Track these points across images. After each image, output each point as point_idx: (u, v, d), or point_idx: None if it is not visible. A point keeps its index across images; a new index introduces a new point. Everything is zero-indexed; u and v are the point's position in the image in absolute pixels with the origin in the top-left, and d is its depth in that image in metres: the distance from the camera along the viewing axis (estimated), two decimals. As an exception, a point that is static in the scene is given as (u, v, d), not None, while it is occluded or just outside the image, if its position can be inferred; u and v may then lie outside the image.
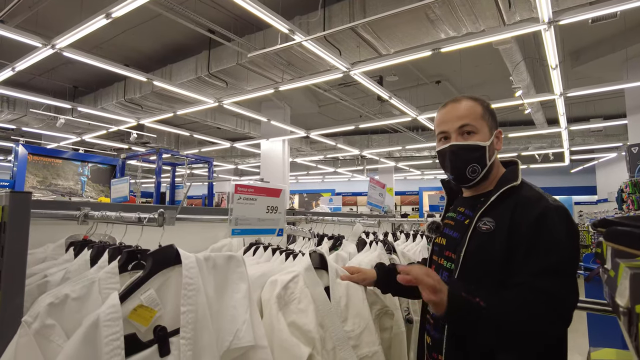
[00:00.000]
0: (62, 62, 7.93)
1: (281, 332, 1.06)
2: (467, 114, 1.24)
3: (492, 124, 1.27)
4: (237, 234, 1.10)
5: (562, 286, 1.03)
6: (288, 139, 10.81)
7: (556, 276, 1.03)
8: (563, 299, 1.03)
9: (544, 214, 1.10)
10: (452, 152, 1.25)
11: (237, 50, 6.25)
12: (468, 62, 7.81)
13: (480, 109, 1.25)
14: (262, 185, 1.13)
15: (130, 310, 0.80)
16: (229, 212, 1.07)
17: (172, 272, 0.89)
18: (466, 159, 1.23)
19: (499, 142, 1.28)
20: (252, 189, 1.11)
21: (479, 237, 1.17)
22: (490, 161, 1.24)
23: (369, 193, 2.45)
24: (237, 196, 1.06)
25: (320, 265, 1.33)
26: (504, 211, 1.15)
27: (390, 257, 1.63)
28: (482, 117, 1.24)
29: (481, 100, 1.28)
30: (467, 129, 1.23)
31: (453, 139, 1.25)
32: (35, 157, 7.90)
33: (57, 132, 10.50)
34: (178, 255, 0.90)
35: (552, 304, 1.01)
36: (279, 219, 1.21)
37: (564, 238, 1.07)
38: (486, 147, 1.23)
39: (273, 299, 1.11)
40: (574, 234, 1.10)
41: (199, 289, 0.87)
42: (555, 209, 1.11)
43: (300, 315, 1.13)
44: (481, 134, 1.23)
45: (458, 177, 1.27)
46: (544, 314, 1.01)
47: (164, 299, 0.86)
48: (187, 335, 0.83)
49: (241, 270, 0.99)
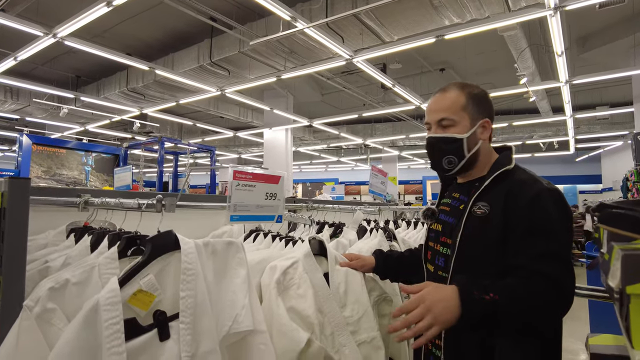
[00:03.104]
0: (64, 51, 7.90)
1: (280, 317, 1.07)
2: (448, 107, 1.25)
3: (476, 114, 1.25)
4: (235, 221, 1.10)
5: (565, 270, 1.05)
6: (291, 128, 10.78)
7: (558, 261, 1.05)
8: (568, 283, 1.05)
9: (538, 195, 1.11)
10: (429, 143, 1.30)
11: (239, 38, 6.20)
12: (472, 49, 7.72)
13: (464, 100, 1.24)
14: (261, 172, 1.13)
15: (130, 295, 0.81)
16: (228, 199, 1.08)
17: (171, 258, 0.90)
18: (442, 151, 1.26)
19: (485, 131, 1.27)
20: (251, 175, 1.11)
21: (474, 221, 1.18)
22: (471, 152, 1.25)
23: (371, 181, 2.45)
24: (236, 182, 1.06)
25: (319, 252, 1.34)
26: (498, 195, 1.17)
27: (391, 244, 1.63)
28: (463, 109, 1.24)
29: (469, 88, 1.27)
30: (444, 123, 1.25)
31: (432, 130, 1.28)
32: (39, 147, 7.94)
33: (60, 121, 10.53)
34: (177, 240, 0.91)
35: (560, 290, 1.04)
36: (278, 206, 1.21)
37: (559, 220, 1.09)
38: (463, 139, 1.24)
39: (272, 284, 1.12)
40: (568, 216, 1.11)
41: (198, 274, 0.88)
42: (549, 191, 1.12)
43: (299, 300, 1.14)
44: (459, 126, 1.24)
45: (435, 167, 1.31)
46: (555, 300, 1.03)
47: (163, 284, 0.86)
48: (186, 320, 0.84)
49: (240, 256, 1.00)
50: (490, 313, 1.02)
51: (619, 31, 6.89)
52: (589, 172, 15.89)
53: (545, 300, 1.03)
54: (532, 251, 1.06)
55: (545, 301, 1.03)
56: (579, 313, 3.27)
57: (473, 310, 1.03)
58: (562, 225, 1.09)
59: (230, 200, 1.06)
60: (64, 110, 8.46)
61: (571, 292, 1.05)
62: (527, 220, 1.09)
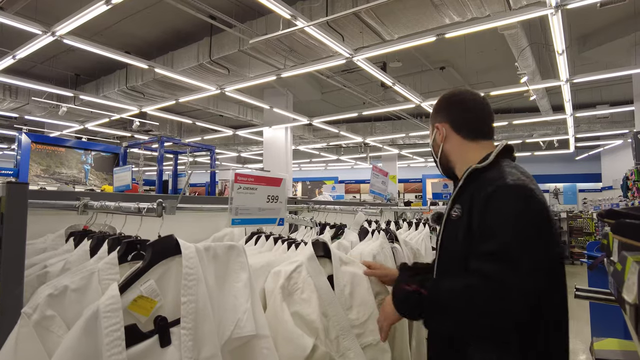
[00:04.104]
0: (63, 49, 7.87)
1: (285, 323, 1.06)
2: None
3: (434, 122, 1.33)
4: (237, 224, 1.08)
5: (507, 270, 0.96)
6: (291, 126, 10.76)
7: (503, 261, 0.97)
8: (507, 285, 0.96)
9: (494, 192, 1.06)
10: None
11: (239, 37, 6.18)
12: (473, 48, 7.70)
13: (433, 110, 1.35)
14: (263, 175, 1.11)
15: (130, 301, 0.80)
16: (229, 202, 1.06)
17: (172, 263, 0.88)
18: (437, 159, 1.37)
19: (440, 135, 1.31)
20: (252, 178, 1.10)
21: (450, 224, 1.19)
22: (438, 155, 1.32)
23: (372, 181, 2.44)
24: (237, 185, 1.05)
25: (323, 254, 1.33)
26: (467, 196, 1.15)
27: (393, 246, 1.62)
28: (432, 118, 1.34)
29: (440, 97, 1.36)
30: None
31: None
32: (38, 145, 7.91)
33: (59, 120, 10.48)
34: (178, 245, 0.90)
35: (493, 291, 0.97)
36: (280, 209, 1.20)
37: (511, 218, 1.02)
38: (430, 144, 1.35)
39: (277, 290, 1.11)
40: (526, 212, 1.03)
41: (199, 279, 0.87)
42: (506, 187, 1.06)
43: (303, 305, 1.13)
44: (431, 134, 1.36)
45: None
46: (484, 301, 0.97)
47: (164, 289, 0.85)
48: (187, 326, 0.83)
49: (242, 260, 0.99)
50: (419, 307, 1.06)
51: (619, 30, 6.86)
52: (588, 171, 15.88)
53: (477, 300, 0.97)
54: (479, 251, 1.02)
55: (476, 302, 0.97)
56: (580, 313, 3.27)
57: (399, 299, 1.12)
58: (516, 222, 1.01)
59: (232, 204, 1.05)
60: (63, 108, 8.43)
61: (514, 296, 0.96)
62: (481, 219, 1.06)
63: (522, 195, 1.05)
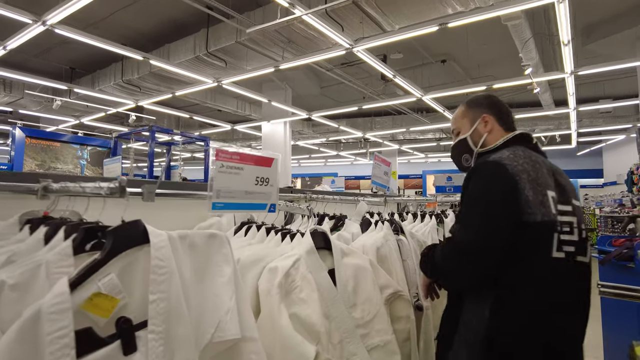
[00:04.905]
0: (57, 42, 7.72)
1: (284, 328, 0.92)
2: (454, 120, 1.50)
3: (473, 116, 1.42)
4: (218, 209, 0.92)
5: (461, 233, 1.16)
6: (289, 121, 10.62)
7: (461, 226, 1.18)
8: (461, 242, 1.14)
9: (472, 171, 1.22)
10: (451, 152, 1.52)
11: (236, 27, 6.03)
12: (474, 41, 7.56)
13: (462, 110, 1.46)
14: (250, 153, 0.97)
15: (85, 299, 0.65)
16: (209, 183, 0.92)
17: (139, 253, 0.73)
18: (458, 153, 1.47)
19: (486, 125, 1.39)
20: (238, 156, 0.95)
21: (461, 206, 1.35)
22: (478, 145, 1.38)
23: (374, 172, 2.30)
24: (219, 164, 0.90)
25: (323, 245, 1.19)
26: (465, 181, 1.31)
27: (398, 238, 1.48)
28: (462, 116, 1.45)
29: (469, 101, 1.47)
30: (455, 132, 1.48)
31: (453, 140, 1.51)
32: (33, 140, 7.82)
33: (55, 114, 10.35)
34: (146, 232, 0.75)
35: (453, 251, 1.18)
36: (271, 193, 1.04)
37: (479, 190, 1.17)
38: (467, 137, 1.41)
39: (274, 289, 0.95)
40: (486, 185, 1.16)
41: (171, 272, 0.72)
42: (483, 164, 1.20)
43: (302, 306, 0.99)
44: (463, 129, 1.44)
45: (460, 168, 1.47)
46: (450, 259, 1.19)
47: (129, 285, 0.70)
48: (157, 329, 0.68)
49: (225, 251, 0.84)
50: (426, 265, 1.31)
51: (624, 22, 6.72)
52: (590, 167, 15.78)
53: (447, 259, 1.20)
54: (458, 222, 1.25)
55: (447, 260, 1.20)
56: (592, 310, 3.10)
57: (420, 261, 1.37)
58: (480, 193, 1.16)
59: (212, 185, 0.90)
60: (57, 102, 8.29)
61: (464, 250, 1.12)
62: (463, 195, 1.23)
63: (490, 169, 1.17)
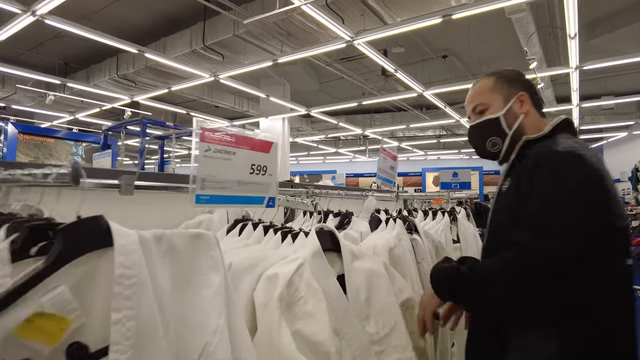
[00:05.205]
0: (51, 35, 7.56)
1: (285, 349, 0.76)
2: (477, 94, 1.24)
3: (508, 92, 1.21)
4: (204, 203, 0.75)
5: (536, 238, 0.90)
6: (288, 117, 10.46)
7: (531, 227, 0.92)
8: (536, 252, 0.88)
9: (539, 161, 1.01)
10: (469, 132, 1.27)
11: (234, 20, 5.88)
12: (476, 36, 7.42)
13: (491, 82, 1.23)
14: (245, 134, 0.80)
15: (20, 321, 0.48)
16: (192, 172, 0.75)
17: (100, 259, 0.56)
18: (482, 136, 1.22)
19: (522, 105, 1.19)
20: (230, 137, 0.78)
21: (501, 200, 1.13)
22: (513, 128, 1.17)
23: (379, 165, 2.15)
24: (205, 146, 0.74)
25: (331, 247, 1.02)
26: (518, 167, 1.10)
27: (412, 237, 1.33)
28: (492, 90, 1.22)
29: (497, 72, 1.25)
30: (478, 109, 1.23)
31: (470, 120, 1.27)
32: (26, 136, 7.71)
33: (49, 110, 10.18)
34: (109, 232, 0.57)
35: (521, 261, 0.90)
36: (270, 184, 0.87)
37: (550, 182, 0.96)
38: (499, 117, 1.18)
39: (273, 302, 0.80)
40: (568, 176, 0.94)
41: (142, 283, 0.56)
42: (554, 153, 1.01)
43: (307, 321, 0.83)
44: (493, 107, 1.20)
45: (483, 154, 1.24)
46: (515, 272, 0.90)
47: (86, 300, 0.53)
48: (121, 357, 0.52)
49: (213, 256, 0.67)
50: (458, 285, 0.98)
51: (629, 17, 6.58)
52: (590, 164, 15.70)
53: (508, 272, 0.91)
54: (522, 224, 0.95)
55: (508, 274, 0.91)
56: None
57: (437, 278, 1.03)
58: (557, 185, 0.94)
59: (197, 173, 0.73)
60: (50, 97, 8.12)
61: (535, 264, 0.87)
62: (527, 189, 0.99)
63: (567, 160, 0.98)
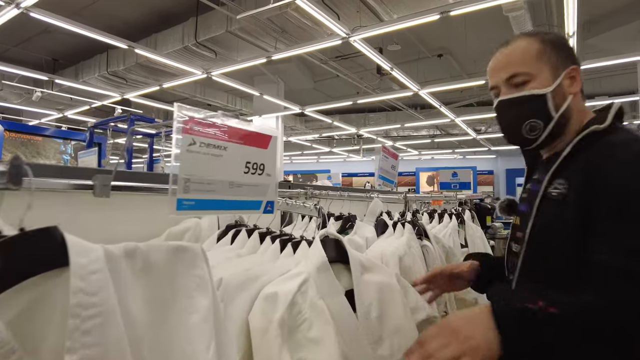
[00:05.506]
0: (38, 30, 7.37)
1: None
2: (517, 59, 0.97)
3: (558, 63, 0.95)
4: (186, 209, 0.59)
5: None
6: (282, 115, 10.34)
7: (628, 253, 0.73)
8: None
9: (628, 160, 0.80)
10: (500, 109, 1.01)
11: (226, 15, 5.75)
12: (473, 35, 7.37)
13: (537, 47, 0.96)
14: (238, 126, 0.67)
15: None
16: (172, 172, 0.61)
17: (51, 284, 0.43)
18: (520, 115, 0.96)
19: (573, 82, 0.96)
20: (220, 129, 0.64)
21: (549, 205, 0.90)
22: (560, 110, 0.94)
23: (380, 164, 2.04)
24: (189, 139, 0.59)
25: (336, 257, 0.88)
26: (576, 168, 0.87)
27: (422, 243, 1.21)
28: (538, 58, 0.95)
29: (541, 34, 0.98)
30: (517, 80, 0.96)
31: (502, 92, 0.99)
32: (12, 134, 7.55)
33: (37, 107, 9.98)
34: (65, 248, 0.43)
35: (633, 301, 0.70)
36: (267, 186, 0.73)
37: None
38: (547, 94, 0.93)
39: (273, 328, 0.67)
40: None
41: (108, 314, 0.42)
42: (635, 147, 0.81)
43: (312, 348, 0.70)
44: (539, 80, 0.94)
45: (514, 139, 1.01)
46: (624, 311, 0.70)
47: (32, 338, 0.40)
48: None
49: (199, 274, 0.53)
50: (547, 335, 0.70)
51: (626, 16, 6.55)
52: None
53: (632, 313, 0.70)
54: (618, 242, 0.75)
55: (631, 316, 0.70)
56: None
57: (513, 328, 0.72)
58: None
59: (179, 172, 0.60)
60: (37, 94, 7.93)
61: None
62: (614, 196, 0.78)
63: None
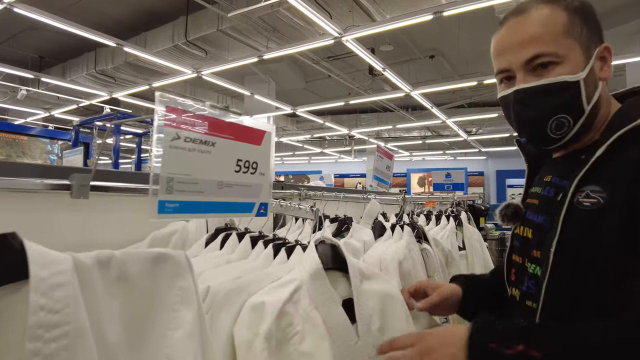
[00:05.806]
0: (24, 27, 7.23)
1: None
2: (539, 34, 0.73)
3: (589, 39, 0.74)
4: (170, 212, 0.53)
5: None
6: (273, 116, 10.27)
7: None
8: None
9: None
10: (519, 101, 0.77)
11: (218, 14, 5.68)
12: (465, 36, 7.39)
13: (563, 18, 0.73)
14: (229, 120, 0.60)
15: None
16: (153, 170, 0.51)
17: (9, 301, 0.37)
18: (546, 109, 0.74)
19: (604, 65, 0.76)
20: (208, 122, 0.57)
21: (580, 217, 0.70)
22: (592, 102, 0.73)
23: (375, 165, 2.00)
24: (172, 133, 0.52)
25: (333, 264, 0.81)
26: (621, 172, 0.68)
27: (422, 247, 1.16)
28: (567, 33, 0.73)
29: (568, 4, 0.75)
30: (541, 61, 0.73)
31: (520, 79, 0.76)
32: (-5, 133, 7.40)
33: (23, 106, 9.79)
34: (25, 258, 0.38)
35: None
36: (261, 186, 0.68)
37: None
38: (579, 81, 0.72)
39: (259, 342, 0.60)
40: None
41: (77, 333, 0.36)
42: None
43: None
44: (569, 63, 0.72)
45: (534, 138, 0.80)
46: None
47: None
48: None
49: (184, 285, 0.48)
50: None
51: (620, 17, 6.59)
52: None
53: None
54: None
55: None
56: None
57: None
58: None
59: (160, 171, 0.51)
60: (22, 92, 7.77)
61: None
62: None
63: None
